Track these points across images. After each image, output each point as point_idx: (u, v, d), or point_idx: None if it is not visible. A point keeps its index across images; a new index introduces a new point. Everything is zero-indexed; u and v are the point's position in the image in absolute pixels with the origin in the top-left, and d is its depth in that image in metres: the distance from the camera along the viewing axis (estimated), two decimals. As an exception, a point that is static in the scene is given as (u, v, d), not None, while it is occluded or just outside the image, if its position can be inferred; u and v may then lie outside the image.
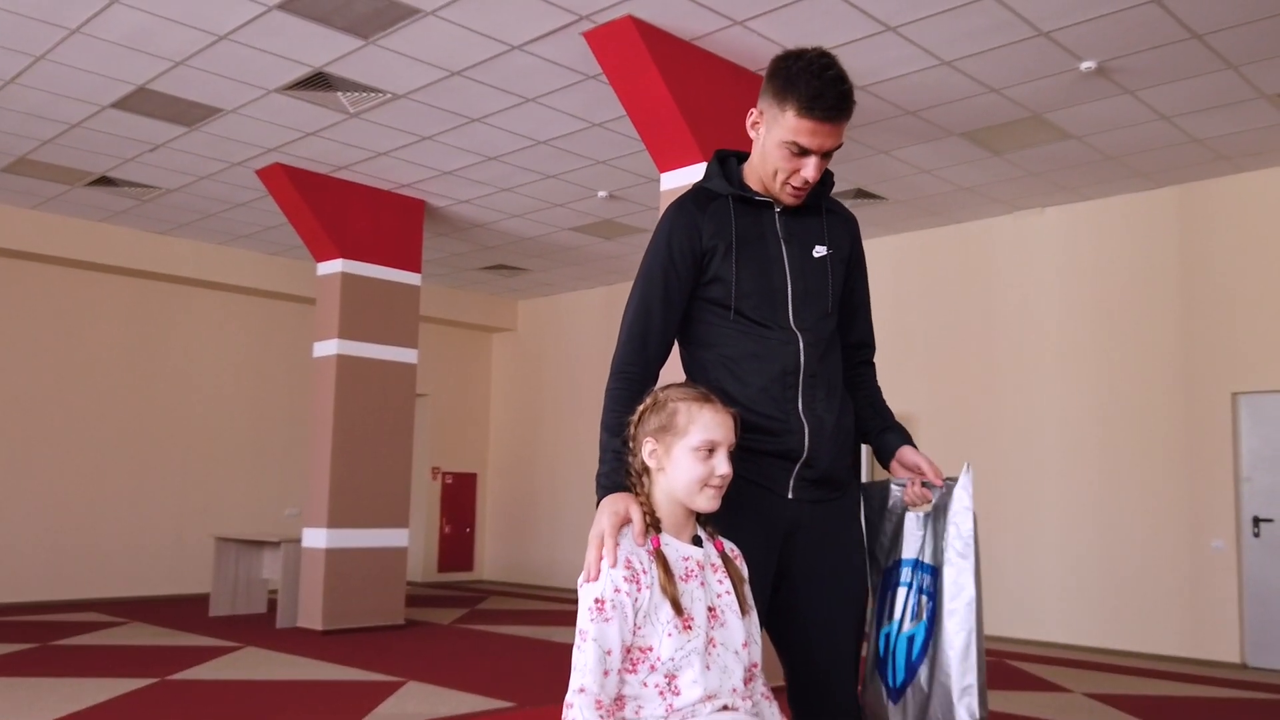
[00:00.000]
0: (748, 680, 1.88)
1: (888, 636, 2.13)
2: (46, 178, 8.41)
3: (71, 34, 5.83)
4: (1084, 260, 8.24)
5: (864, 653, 2.19)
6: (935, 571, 2.09)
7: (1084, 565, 7.99)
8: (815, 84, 1.98)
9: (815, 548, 2.11)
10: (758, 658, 1.91)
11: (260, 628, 8.16)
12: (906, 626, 2.09)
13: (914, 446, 2.22)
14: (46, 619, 8.43)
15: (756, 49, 5.74)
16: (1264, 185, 7.46)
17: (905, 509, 2.19)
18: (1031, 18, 5.30)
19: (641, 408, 1.93)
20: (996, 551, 8.44)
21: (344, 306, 8.36)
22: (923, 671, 2.06)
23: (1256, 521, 7.32)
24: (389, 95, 6.58)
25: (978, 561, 2.07)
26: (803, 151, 2.04)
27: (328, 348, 8.38)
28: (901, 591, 2.13)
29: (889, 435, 2.25)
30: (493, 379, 13.41)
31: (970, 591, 2.04)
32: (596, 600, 1.76)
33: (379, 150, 7.64)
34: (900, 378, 8.93)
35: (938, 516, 2.13)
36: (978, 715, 1.99)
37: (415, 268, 8.86)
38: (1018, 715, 5.37)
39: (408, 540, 8.65)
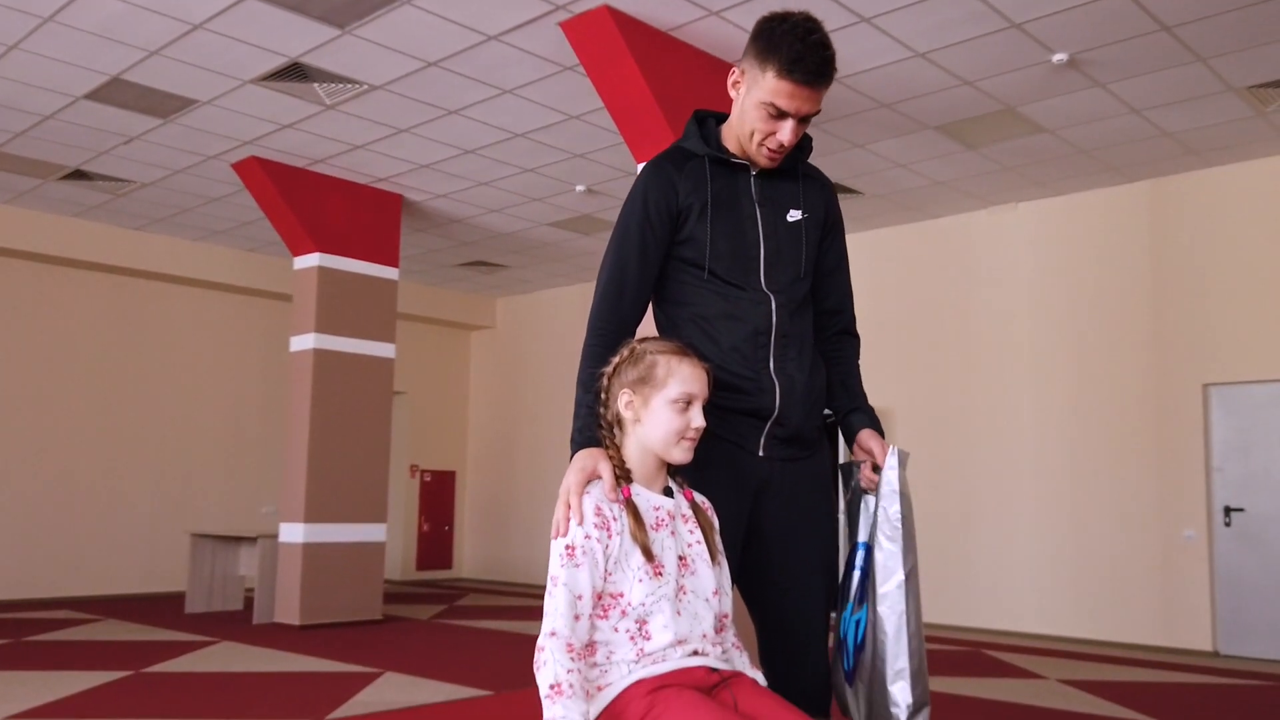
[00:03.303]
0: (719, 630, 1.90)
1: (845, 621, 2.13)
2: (19, 171, 8.33)
3: (44, 23, 5.79)
4: (1057, 255, 8.32)
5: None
6: (870, 553, 2.09)
7: (1058, 555, 8.06)
8: (798, 47, 1.99)
9: (786, 506, 2.13)
10: (728, 609, 1.93)
11: (237, 623, 8.11)
12: (854, 610, 2.09)
13: (875, 429, 2.21)
14: (18, 616, 8.35)
15: (732, 39, 5.77)
16: (1232, 179, 7.56)
17: (865, 492, 2.18)
18: (1003, 8, 5.36)
19: (617, 359, 1.95)
20: (971, 543, 8.51)
21: (321, 301, 8.33)
22: (865, 657, 2.06)
23: (1228, 511, 7.40)
24: (365, 86, 6.57)
25: (909, 543, 2.06)
26: (780, 114, 2.05)
27: (304, 342, 8.35)
28: (855, 575, 2.12)
29: (854, 417, 2.24)
30: (471, 377, 13.39)
31: (899, 575, 2.03)
32: (567, 547, 1.78)
33: (356, 143, 7.62)
34: (876, 372, 8.95)
35: (877, 500, 2.12)
36: (910, 700, 1.98)
37: (393, 262, 8.84)
38: (993, 700, 5.41)
39: (385, 535, 8.62)
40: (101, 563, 9.91)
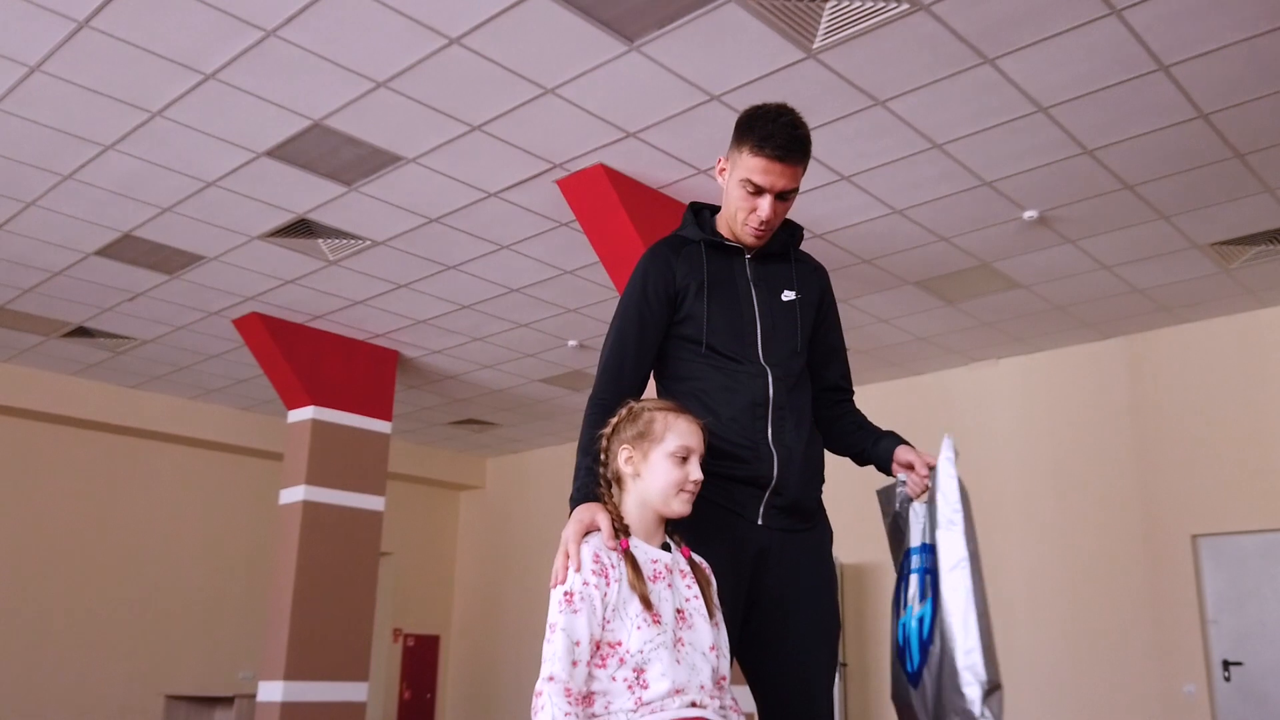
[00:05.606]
0: (717, 688, 1.90)
1: (904, 626, 2.15)
2: (23, 328, 8.46)
3: (64, 180, 6.03)
4: (1039, 410, 8.48)
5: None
6: (932, 548, 2.14)
7: (1057, 716, 7.86)
8: (770, 127, 2.18)
9: (786, 579, 2.16)
10: (726, 671, 1.94)
11: (208, 791, 7.76)
12: (916, 609, 2.12)
13: (908, 445, 2.29)
14: (-20, 785, 7.98)
15: (720, 196, 6.05)
16: (1205, 335, 7.80)
17: (910, 502, 2.25)
18: (974, 167, 5.69)
19: (615, 419, 2.04)
20: (971, 703, 8.29)
21: (313, 453, 8.36)
22: (934, 648, 2.07)
23: (1226, 665, 7.30)
24: (369, 242, 6.83)
25: (968, 523, 2.12)
26: (757, 190, 2.22)
27: (294, 494, 8.33)
28: (913, 579, 2.17)
29: (883, 443, 2.32)
30: (459, 538, 13.25)
31: (963, 555, 2.08)
32: (566, 594, 1.82)
33: (355, 298, 7.84)
34: (860, 527, 8.95)
35: (931, 497, 2.19)
36: (984, 678, 1.99)
37: (386, 415, 8.93)
38: None
39: (367, 695, 8.36)
40: (70, 729, 9.53)
